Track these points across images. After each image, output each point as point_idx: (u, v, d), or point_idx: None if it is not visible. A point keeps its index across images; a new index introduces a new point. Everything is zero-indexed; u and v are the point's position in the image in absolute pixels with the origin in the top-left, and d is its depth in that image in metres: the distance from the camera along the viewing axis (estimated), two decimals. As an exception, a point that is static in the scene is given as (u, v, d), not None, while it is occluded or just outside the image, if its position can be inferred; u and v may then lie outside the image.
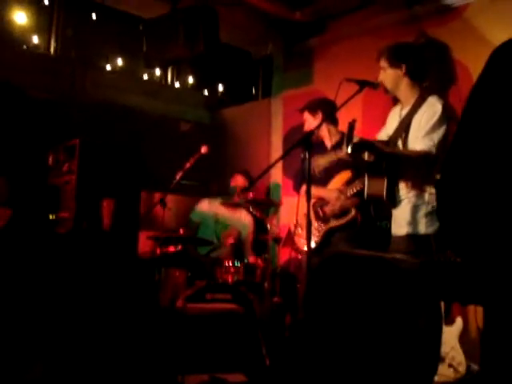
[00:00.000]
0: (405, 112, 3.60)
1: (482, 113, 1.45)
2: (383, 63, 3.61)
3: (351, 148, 3.25)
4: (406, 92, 3.59)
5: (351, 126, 3.27)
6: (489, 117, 1.44)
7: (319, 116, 4.50)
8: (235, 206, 5.81)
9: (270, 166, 3.66)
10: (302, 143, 3.20)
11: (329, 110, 4.43)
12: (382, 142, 3.57)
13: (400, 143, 3.54)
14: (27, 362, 3.60)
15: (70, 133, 5.77)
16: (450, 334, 4.32)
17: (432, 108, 3.42)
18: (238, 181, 5.90)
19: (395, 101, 3.84)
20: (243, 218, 5.85)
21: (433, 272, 2.01)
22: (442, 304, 3.52)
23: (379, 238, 4.63)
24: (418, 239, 3.39)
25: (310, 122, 4.55)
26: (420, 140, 3.38)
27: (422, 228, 3.40)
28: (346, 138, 3.27)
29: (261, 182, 6.14)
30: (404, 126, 3.54)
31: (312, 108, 4.57)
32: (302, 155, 3.27)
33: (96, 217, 5.21)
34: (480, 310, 3.14)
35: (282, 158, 3.53)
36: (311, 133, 3.26)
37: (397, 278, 2.09)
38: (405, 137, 3.51)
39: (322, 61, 6.28)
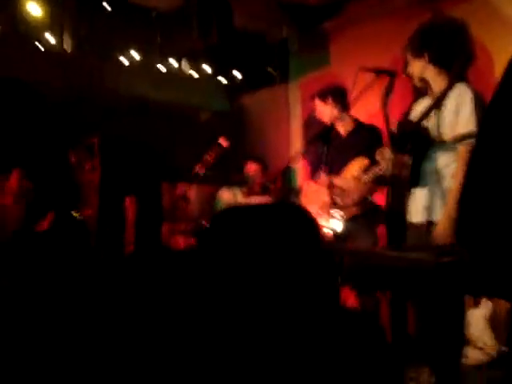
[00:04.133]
0: (432, 99, 3.53)
1: (505, 126, 1.46)
2: (408, 56, 3.54)
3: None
4: (434, 81, 3.51)
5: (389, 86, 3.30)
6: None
7: (329, 102, 4.55)
8: (254, 194, 5.82)
9: (290, 161, 3.68)
10: (320, 137, 3.22)
11: (339, 96, 4.52)
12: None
13: (432, 124, 3.46)
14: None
15: (90, 129, 5.88)
16: (479, 317, 4.34)
17: (463, 97, 3.33)
18: (251, 168, 5.91)
19: (418, 93, 3.79)
20: None
21: (452, 271, 2.03)
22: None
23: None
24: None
25: (321, 108, 4.61)
26: (460, 125, 3.32)
27: (440, 214, 3.34)
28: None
29: (276, 167, 6.20)
30: (433, 109, 3.46)
31: (322, 95, 4.61)
32: (320, 150, 3.29)
33: (120, 214, 5.31)
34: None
35: (302, 152, 3.57)
36: (330, 128, 3.28)
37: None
38: (438, 118, 3.43)
39: (339, 43, 6.30)
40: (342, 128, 4.60)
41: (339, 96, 4.53)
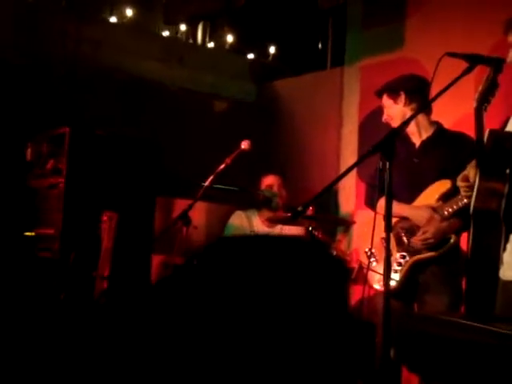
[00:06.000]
0: None
1: None
2: (510, 38, 3.43)
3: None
4: None
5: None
6: None
7: (401, 100, 4.48)
8: (282, 222, 5.78)
9: (335, 181, 3.56)
10: (379, 149, 3.10)
11: (415, 91, 4.43)
12: None
13: None
14: None
15: (58, 114, 5.86)
16: None
17: None
18: (270, 182, 6.05)
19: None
20: None
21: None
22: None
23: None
24: None
25: (390, 108, 4.55)
26: None
27: None
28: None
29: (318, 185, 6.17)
30: None
31: (392, 89, 4.55)
32: (380, 164, 3.17)
33: (92, 236, 5.23)
34: None
35: (352, 168, 3.42)
36: (393, 135, 3.15)
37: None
38: None
39: (418, 15, 6.26)
40: (416, 135, 4.52)
41: (415, 90, 4.44)
